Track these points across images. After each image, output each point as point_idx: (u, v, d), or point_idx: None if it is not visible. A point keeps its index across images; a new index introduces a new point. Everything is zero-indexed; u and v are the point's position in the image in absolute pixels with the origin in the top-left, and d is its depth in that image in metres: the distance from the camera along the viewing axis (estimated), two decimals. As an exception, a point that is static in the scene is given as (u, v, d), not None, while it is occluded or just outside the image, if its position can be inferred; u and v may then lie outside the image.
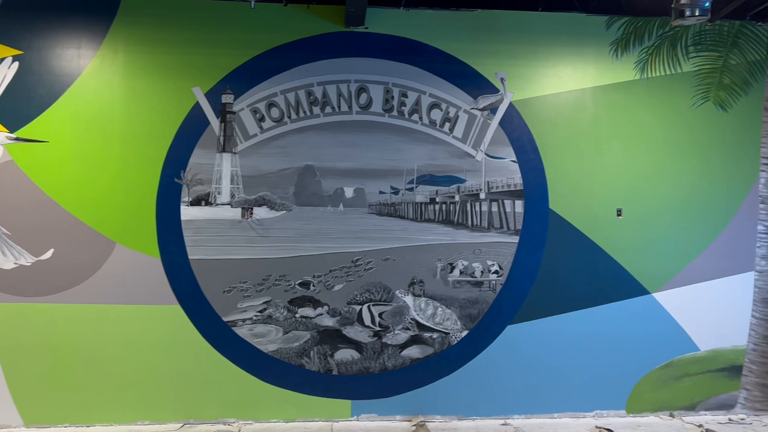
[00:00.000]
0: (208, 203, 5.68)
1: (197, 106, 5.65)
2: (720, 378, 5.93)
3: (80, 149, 5.53)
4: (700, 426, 5.55)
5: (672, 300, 5.89)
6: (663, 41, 6.03)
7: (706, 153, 6.01)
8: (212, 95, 5.67)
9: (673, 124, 5.98)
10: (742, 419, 5.79)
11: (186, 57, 5.66)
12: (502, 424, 5.59)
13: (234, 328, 5.63)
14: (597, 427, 5.49)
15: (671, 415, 5.84)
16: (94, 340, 5.47)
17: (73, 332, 5.45)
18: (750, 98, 6.07)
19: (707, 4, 4.97)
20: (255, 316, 5.66)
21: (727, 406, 5.93)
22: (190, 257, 5.60)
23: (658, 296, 5.91)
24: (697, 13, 4.98)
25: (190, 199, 5.65)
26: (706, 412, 5.89)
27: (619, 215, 5.92)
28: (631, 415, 5.83)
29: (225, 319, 5.62)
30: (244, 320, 5.65)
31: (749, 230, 6.02)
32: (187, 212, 5.63)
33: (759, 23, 6.09)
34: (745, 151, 6.06)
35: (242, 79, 5.70)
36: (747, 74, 6.08)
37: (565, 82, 5.94)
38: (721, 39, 6.08)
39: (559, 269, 5.84)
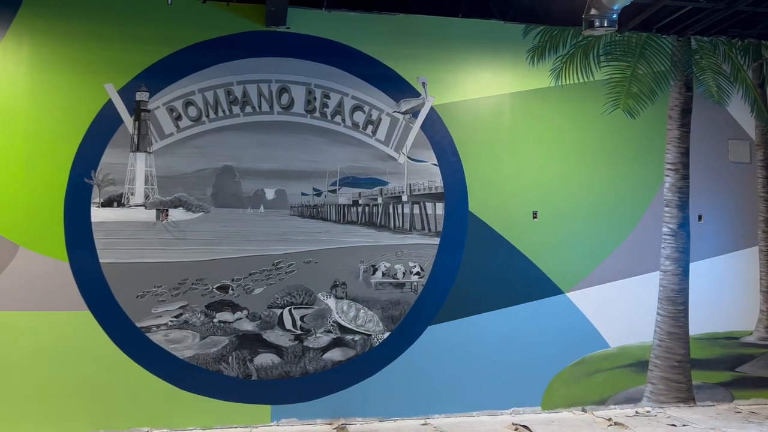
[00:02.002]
0: (120, 204, 5.47)
1: (110, 104, 5.43)
2: (628, 373, 6.23)
3: (-21, 146, 5.20)
4: (609, 419, 5.81)
5: (584, 299, 6.14)
6: (576, 50, 6.28)
7: (616, 158, 6.31)
8: (126, 92, 5.46)
9: (585, 130, 6.25)
10: (648, 411, 6.10)
11: (98, 52, 5.43)
12: (423, 424, 5.65)
13: (148, 334, 5.43)
14: (513, 423, 5.65)
15: (583, 410, 6.09)
16: (-5, 350, 5.15)
17: (-30, 342, 5.11)
18: (656, 106, 6.42)
19: (615, 16, 5.21)
20: (170, 321, 5.48)
21: (634, 400, 6.23)
22: (101, 261, 5.37)
23: (571, 295, 6.15)
24: (605, 24, 5.21)
25: (102, 200, 5.42)
26: (616, 406, 6.16)
27: (534, 218, 6.11)
28: (546, 411, 6.03)
29: (138, 324, 5.41)
30: (158, 326, 5.46)
31: (655, 232, 6.37)
32: (98, 214, 5.40)
33: (663, 35, 6.44)
34: (651, 156, 6.40)
35: (158, 76, 5.52)
36: (653, 84, 6.43)
37: (484, 88, 6.08)
38: (629, 50, 6.40)
39: (478, 270, 5.97)
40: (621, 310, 6.22)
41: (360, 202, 5.88)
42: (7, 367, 5.15)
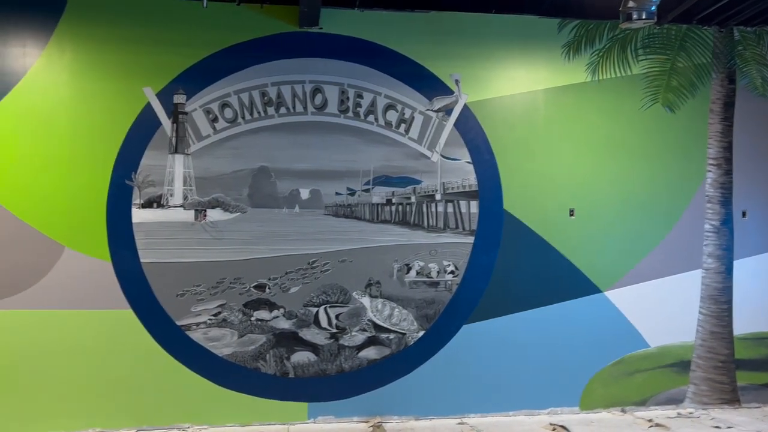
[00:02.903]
0: (160, 205, 5.58)
1: (148, 107, 5.54)
2: (669, 373, 6.09)
3: (26, 151, 5.36)
4: (650, 420, 5.69)
5: (623, 298, 6.03)
6: (613, 44, 6.15)
7: (656, 154, 6.16)
8: (164, 95, 5.56)
9: (622, 126, 6.12)
10: (691, 413, 5.95)
11: (136, 56, 5.53)
12: (459, 423, 5.64)
13: (188, 332, 5.54)
14: (551, 423, 5.58)
15: (623, 411, 5.98)
16: (43, 347, 5.31)
17: (20, 339, 5.29)
18: (697, 100, 6.24)
19: (653, 8, 5.08)
20: (209, 319, 5.58)
21: (676, 401, 6.09)
22: (141, 260, 5.49)
23: (610, 294, 6.04)
24: (644, 17, 5.07)
25: (142, 202, 5.54)
26: (656, 407, 6.04)
27: (571, 215, 6.02)
28: (585, 411, 5.94)
29: (179, 323, 5.53)
30: (198, 324, 5.57)
31: (697, 229, 6.20)
32: (138, 215, 5.52)
33: (704, 27, 6.26)
34: (692, 151, 6.23)
35: (194, 79, 5.60)
36: (694, 77, 6.25)
37: (518, 84, 6.01)
38: (668, 42, 6.24)
39: (514, 269, 5.92)
40: (661, 309, 6.09)
41: (393, 201, 5.88)
42: (54, 365, 5.32)
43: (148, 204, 5.56)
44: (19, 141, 5.36)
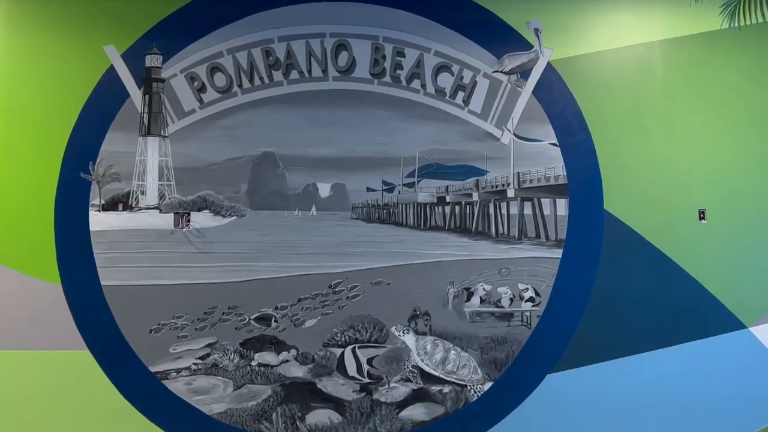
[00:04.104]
0: (127, 207, 4.13)
1: (110, 72, 4.09)
2: None
3: (-53, 134, 3.99)
4: None
5: (780, 337, 4.23)
6: (759, -24, 4.35)
7: (822, 131, 4.33)
8: (132, 56, 4.10)
9: (778, 90, 4.31)
10: None
11: (94, 4, 4.08)
12: None
13: (165, 382, 4.07)
14: None
15: (780, 499, 4.18)
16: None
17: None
18: None
19: None
20: (195, 364, 4.10)
21: None
22: (102, 283, 4.06)
23: (758, 330, 4.24)
24: None
25: (103, 202, 4.10)
26: (829, 494, 4.21)
27: (702, 219, 4.25)
28: (724, 498, 4.17)
29: (153, 369, 4.06)
30: (179, 371, 4.09)
31: None
32: (98, 220, 4.09)
33: None
34: None
35: (173, 33, 4.13)
36: None
37: (624, 34, 4.29)
38: (839, -28, 4.38)
39: (619, 295, 4.20)
40: (833, 353, 4.25)
41: (448, 199, 4.29)
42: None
43: (111, 205, 4.12)
44: (-61, 121, 3.97)
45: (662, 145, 4.26)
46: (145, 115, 4.12)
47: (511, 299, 4.22)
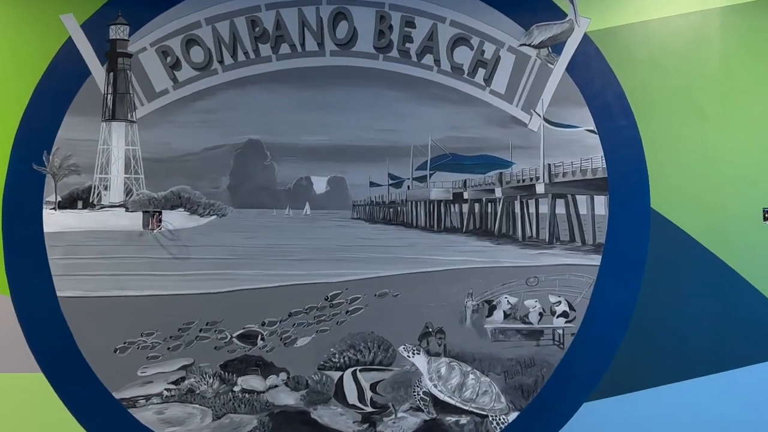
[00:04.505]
0: (88, 205, 3.54)
1: (69, 46, 3.50)
2: None
3: None
4: None
5: None
6: (835, -68, 3.67)
7: None
8: (94, 27, 3.50)
9: None
10: None
11: (50, -35, 3.49)
12: None
13: (133, 411, 3.48)
14: None
15: None
16: None
17: None
18: None
19: None
20: (167, 390, 3.50)
21: None
22: (59, 294, 3.47)
23: (834, 352, 3.59)
24: None
25: (60, 199, 3.51)
26: None
27: (766, 219, 3.60)
28: None
29: (118, 395, 3.47)
30: (148, 397, 3.49)
31: None
32: (53, 220, 3.50)
33: None
34: None
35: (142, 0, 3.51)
36: None
37: (675, 1, 3.63)
38: None
39: (669, 309, 3.56)
40: None
41: (466, 195, 3.68)
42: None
43: (69, 203, 3.53)
44: None
45: (720, 132, 3.60)
46: (109, 96, 3.52)
47: (540, 314, 3.60)
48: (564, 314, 3.59)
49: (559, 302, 3.59)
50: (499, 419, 3.53)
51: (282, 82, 3.55)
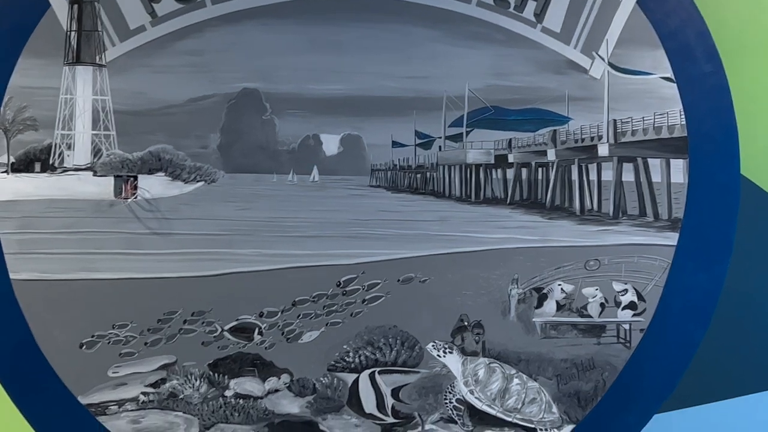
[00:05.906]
0: (48, 167, 2.98)
1: (22, -29, 2.89)
2: None
3: None
4: None
5: None
6: None
7: None
8: (53, -52, 2.89)
9: None
10: None
11: None
12: None
13: (102, 419, 2.94)
14: None
15: None
16: None
17: None
18: None
19: None
20: (144, 394, 2.97)
21: None
22: (12, 277, 2.92)
23: None
24: None
25: (13, 160, 2.95)
26: None
27: None
28: None
29: (84, 400, 2.93)
30: (122, 403, 2.95)
31: None
32: (6, 186, 2.95)
33: None
34: None
35: None
36: None
37: None
38: None
39: (763, 299, 2.95)
40: None
41: (511, 159, 3.11)
42: None
43: (24, 165, 2.98)
44: None
45: (829, 81, 2.96)
46: (72, 33, 2.92)
47: (602, 305, 3.02)
48: (631, 306, 3.00)
49: (626, 291, 3.01)
50: (550, 433, 2.94)
51: (284, 16, 2.94)
